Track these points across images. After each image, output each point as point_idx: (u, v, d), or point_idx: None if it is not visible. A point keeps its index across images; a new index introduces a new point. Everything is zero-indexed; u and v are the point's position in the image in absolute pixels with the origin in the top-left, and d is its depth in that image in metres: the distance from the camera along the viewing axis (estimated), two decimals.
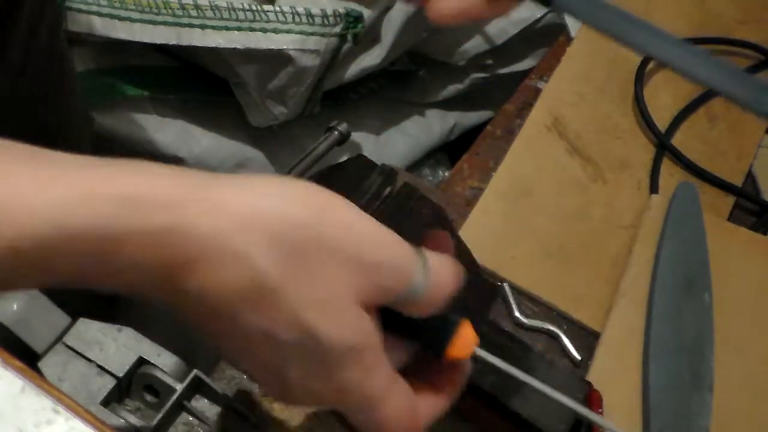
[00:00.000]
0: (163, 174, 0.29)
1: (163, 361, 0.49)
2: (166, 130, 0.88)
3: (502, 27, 0.94)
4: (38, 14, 0.58)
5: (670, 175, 0.75)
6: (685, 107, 0.80)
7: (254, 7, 0.77)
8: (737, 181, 0.76)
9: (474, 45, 0.95)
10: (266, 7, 0.77)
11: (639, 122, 0.79)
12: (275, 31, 0.77)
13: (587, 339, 0.64)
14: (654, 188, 0.74)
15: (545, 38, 0.93)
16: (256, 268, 0.29)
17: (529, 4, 0.95)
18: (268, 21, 0.77)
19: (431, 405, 0.37)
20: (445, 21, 0.36)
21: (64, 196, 0.27)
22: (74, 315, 0.49)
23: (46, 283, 0.29)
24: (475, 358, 0.37)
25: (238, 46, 0.78)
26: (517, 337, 0.53)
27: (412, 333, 0.36)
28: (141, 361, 0.49)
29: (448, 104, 1.00)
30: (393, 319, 0.34)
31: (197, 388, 0.51)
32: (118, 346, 0.49)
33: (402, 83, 0.98)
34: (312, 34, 0.78)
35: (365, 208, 0.49)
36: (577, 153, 0.76)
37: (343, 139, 0.77)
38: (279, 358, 0.32)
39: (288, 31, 0.78)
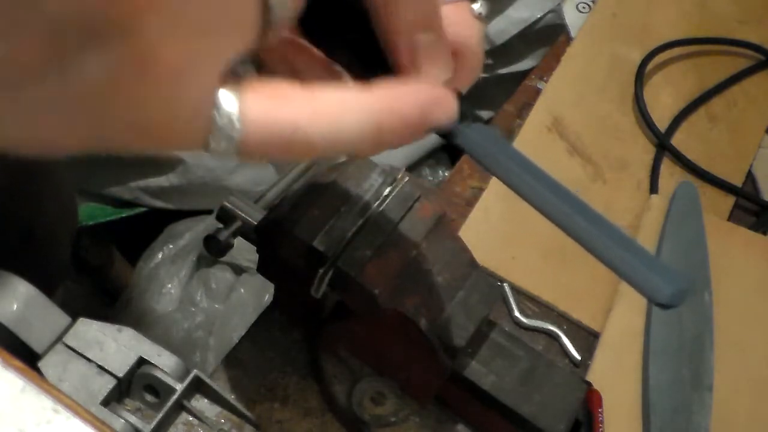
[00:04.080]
0: None
1: (163, 361, 0.49)
2: None
3: (502, 27, 0.95)
4: None
5: (670, 175, 0.75)
6: (685, 107, 0.80)
7: None
8: (737, 181, 0.76)
9: None
10: None
11: (639, 122, 0.79)
12: None
13: (587, 339, 0.64)
14: (654, 188, 0.74)
15: (545, 38, 0.93)
16: None
17: (529, 4, 0.96)
18: None
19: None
20: None
21: None
22: (74, 315, 0.49)
23: None
24: None
25: None
26: (517, 337, 0.53)
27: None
28: (141, 361, 0.49)
29: None
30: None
31: (197, 388, 0.51)
32: (118, 346, 0.49)
33: None
34: None
35: (365, 208, 0.49)
36: (577, 153, 0.76)
37: None
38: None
39: None
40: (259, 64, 0.32)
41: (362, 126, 0.27)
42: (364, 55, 0.32)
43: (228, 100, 0.25)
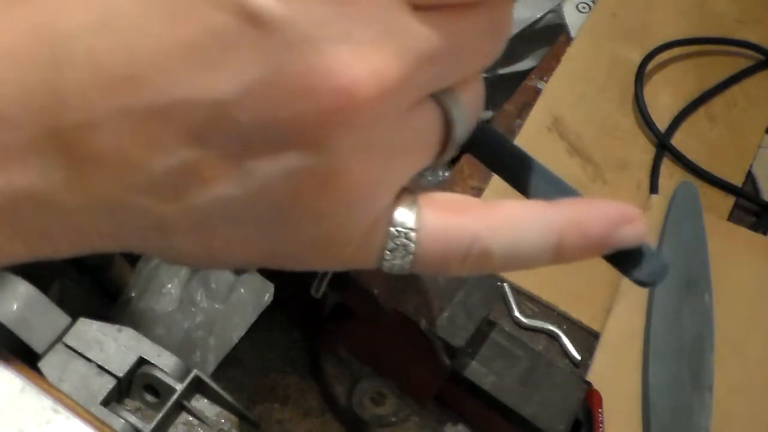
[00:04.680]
0: None
1: (163, 361, 0.49)
2: None
3: None
4: None
5: (670, 175, 0.75)
6: (685, 107, 0.80)
7: None
8: (737, 181, 0.76)
9: None
10: None
11: (639, 122, 0.79)
12: None
13: (587, 339, 0.64)
14: (654, 188, 0.74)
15: (545, 38, 0.93)
16: None
17: (529, 3, 0.96)
18: None
19: None
20: None
21: None
22: (74, 315, 0.49)
23: None
24: None
25: None
26: (517, 337, 0.53)
27: None
28: (141, 361, 0.49)
29: None
30: None
31: (197, 388, 0.51)
32: (118, 346, 0.49)
33: None
34: None
35: None
36: (577, 153, 0.76)
37: None
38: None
39: None
40: None
41: (544, 240, 0.26)
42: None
43: (405, 216, 0.25)
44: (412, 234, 0.25)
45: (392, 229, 0.25)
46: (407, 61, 0.21)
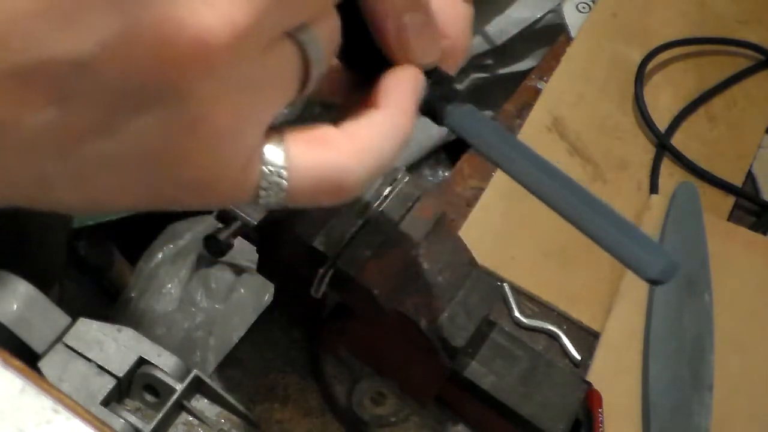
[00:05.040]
0: None
1: (163, 361, 0.49)
2: None
3: (502, 27, 0.95)
4: None
5: (670, 175, 0.75)
6: (685, 107, 0.80)
7: None
8: (737, 181, 0.76)
9: (474, 45, 0.95)
10: None
11: (639, 122, 0.79)
12: None
13: (587, 339, 0.64)
14: (654, 188, 0.74)
15: (545, 38, 0.93)
16: None
17: (529, 4, 0.96)
18: None
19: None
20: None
21: None
22: (74, 315, 0.49)
23: None
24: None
25: None
26: (517, 337, 0.53)
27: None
28: (141, 361, 0.49)
29: None
30: None
31: (197, 388, 0.51)
32: (118, 346, 0.49)
33: None
34: None
35: (365, 208, 0.49)
36: (577, 153, 0.76)
37: None
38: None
39: None
40: None
41: (399, 146, 0.29)
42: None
43: (274, 153, 0.26)
44: (284, 172, 0.26)
45: (264, 168, 0.26)
46: (256, 5, 0.22)
